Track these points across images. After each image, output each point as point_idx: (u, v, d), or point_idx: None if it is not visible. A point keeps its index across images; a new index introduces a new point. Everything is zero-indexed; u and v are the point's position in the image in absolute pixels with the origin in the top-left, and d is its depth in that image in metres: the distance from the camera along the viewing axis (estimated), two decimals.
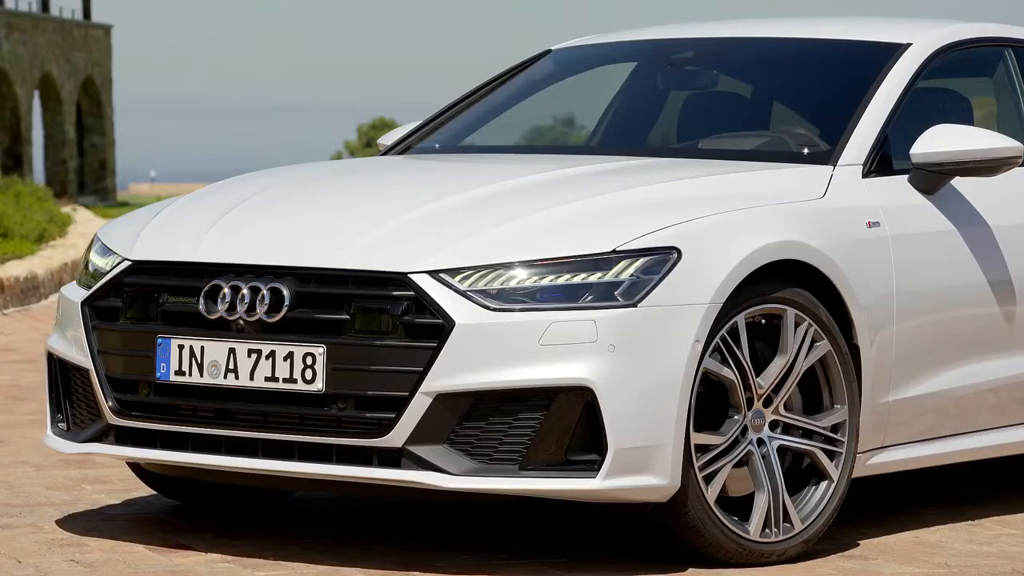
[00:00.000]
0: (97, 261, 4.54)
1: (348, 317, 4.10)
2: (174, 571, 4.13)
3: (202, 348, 4.21)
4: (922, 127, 4.75)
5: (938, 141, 4.70)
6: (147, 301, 4.33)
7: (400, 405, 4.05)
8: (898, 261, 4.58)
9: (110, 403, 4.35)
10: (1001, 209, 4.90)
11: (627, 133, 5.43)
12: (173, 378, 4.24)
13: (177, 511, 4.85)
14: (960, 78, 5.23)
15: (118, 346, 4.36)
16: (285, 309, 4.15)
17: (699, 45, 5.38)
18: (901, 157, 4.75)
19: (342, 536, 4.55)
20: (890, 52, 4.95)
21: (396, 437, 4.06)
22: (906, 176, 4.75)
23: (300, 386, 4.12)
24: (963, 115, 5.02)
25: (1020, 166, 4.83)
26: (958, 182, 4.82)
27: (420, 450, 4.05)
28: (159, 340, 4.25)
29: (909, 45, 4.98)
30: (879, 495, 5.17)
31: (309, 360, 4.11)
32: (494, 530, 4.66)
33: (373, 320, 4.09)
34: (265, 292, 4.18)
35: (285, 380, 4.13)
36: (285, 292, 4.16)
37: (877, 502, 5.08)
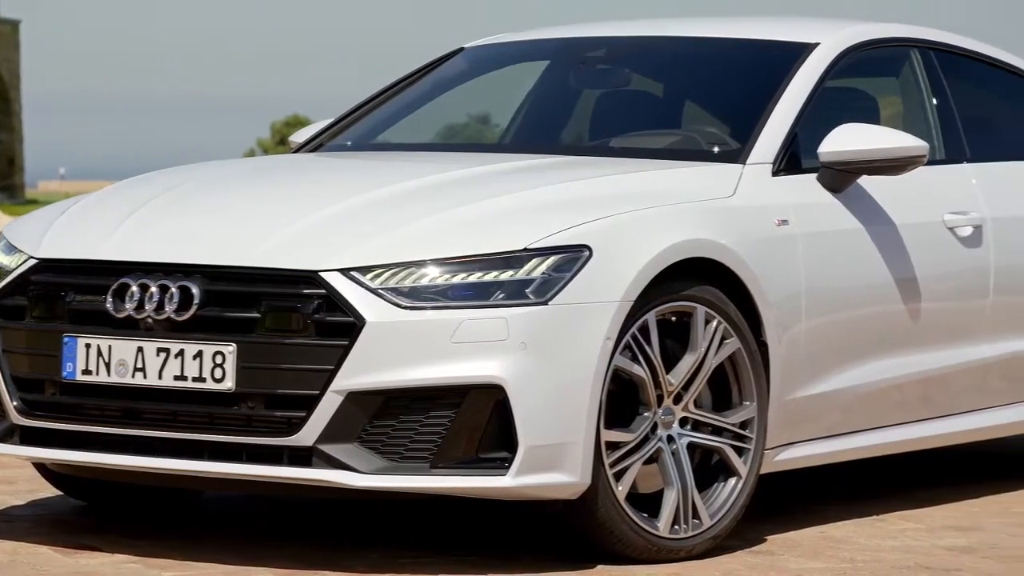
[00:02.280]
0: (2, 259, 4.48)
1: (259, 315, 4.08)
2: (80, 572, 4.09)
3: (110, 347, 4.17)
4: (830, 126, 4.80)
5: (845, 140, 4.75)
6: (54, 300, 4.28)
7: (311, 404, 4.03)
8: (806, 259, 4.62)
9: (15, 403, 4.29)
10: (907, 207, 4.97)
11: (540, 131, 5.44)
12: (80, 377, 4.20)
13: (83, 511, 4.80)
14: (867, 77, 5.29)
15: (23, 345, 4.30)
16: (194, 307, 4.12)
17: (611, 44, 5.41)
18: (810, 156, 4.79)
19: (251, 535, 4.53)
20: (798, 51, 5.00)
21: (306, 436, 4.04)
22: (815, 175, 4.80)
23: (210, 385, 4.09)
24: (870, 114, 5.08)
25: (925, 165, 4.90)
26: (865, 181, 4.88)
27: (331, 449, 4.03)
28: (65, 339, 4.21)
29: (817, 45, 5.03)
30: (786, 491, 5.22)
31: (219, 359, 4.08)
32: (406, 528, 4.65)
33: (284, 318, 4.07)
34: (174, 290, 4.14)
35: (194, 379, 4.10)
36: (194, 290, 4.13)
37: (784, 498, 5.13)
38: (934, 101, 5.27)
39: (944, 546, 4.56)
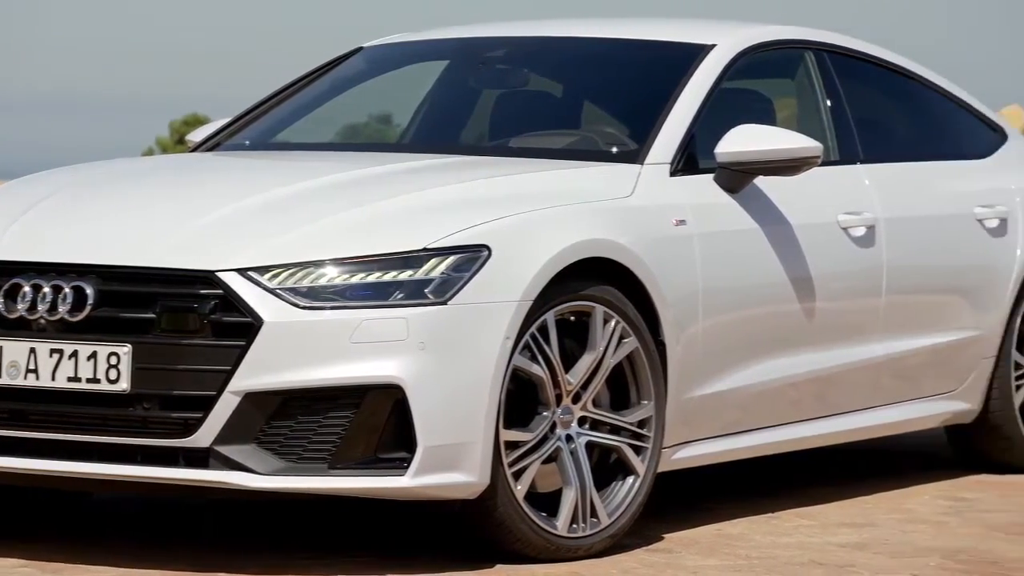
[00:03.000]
0: None
1: (154, 316, 4.04)
2: None
3: (1, 348, 4.11)
4: (727, 127, 4.84)
5: (741, 141, 4.80)
6: None
7: (207, 404, 4.00)
8: (704, 259, 4.66)
9: None
10: (802, 208, 5.02)
11: (439, 131, 5.44)
12: None
13: None
14: (763, 79, 5.35)
15: None
16: (88, 308, 4.08)
17: (510, 44, 5.42)
18: (707, 156, 4.83)
19: (146, 538, 4.49)
20: (695, 53, 5.04)
21: (203, 437, 4.01)
22: (712, 175, 4.84)
23: (104, 386, 4.04)
24: (766, 115, 5.13)
25: (820, 166, 4.96)
26: (761, 181, 4.93)
27: (228, 450, 4.01)
28: None
29: (714, 46, 5.07)
30: (683, 489, 5.26)
31: (113, 360, 4.04)
32: (302, 529, 4.63)
33: (180, 319, 4.04)
34: (67, 291, 4.09)
35: (88, 380, 4.06)
36: (88, 290, 4.09)
37: (681, 496, 5.17)
38: (828, 103, 5.34)
39: (838, 543, 4.62)
